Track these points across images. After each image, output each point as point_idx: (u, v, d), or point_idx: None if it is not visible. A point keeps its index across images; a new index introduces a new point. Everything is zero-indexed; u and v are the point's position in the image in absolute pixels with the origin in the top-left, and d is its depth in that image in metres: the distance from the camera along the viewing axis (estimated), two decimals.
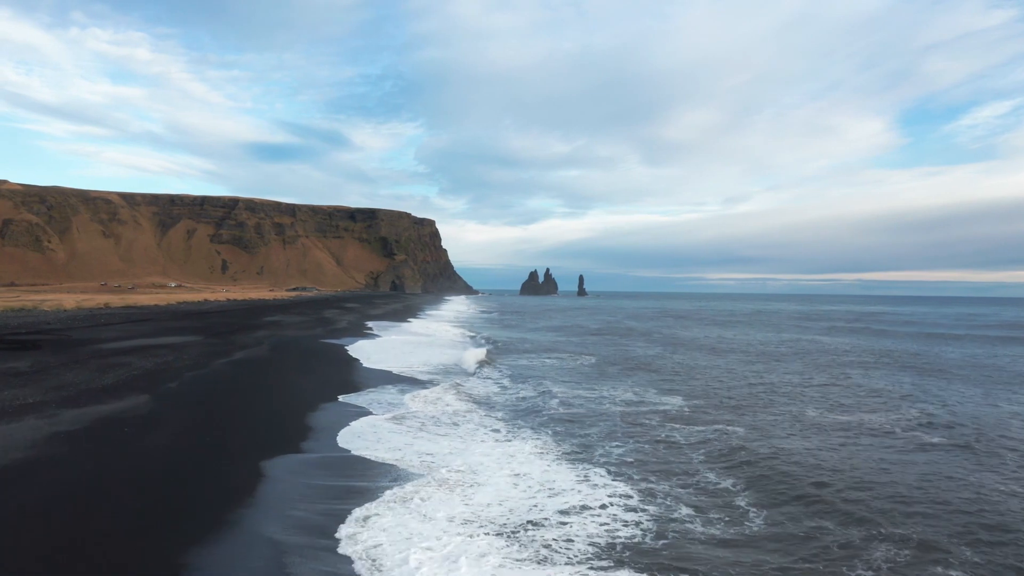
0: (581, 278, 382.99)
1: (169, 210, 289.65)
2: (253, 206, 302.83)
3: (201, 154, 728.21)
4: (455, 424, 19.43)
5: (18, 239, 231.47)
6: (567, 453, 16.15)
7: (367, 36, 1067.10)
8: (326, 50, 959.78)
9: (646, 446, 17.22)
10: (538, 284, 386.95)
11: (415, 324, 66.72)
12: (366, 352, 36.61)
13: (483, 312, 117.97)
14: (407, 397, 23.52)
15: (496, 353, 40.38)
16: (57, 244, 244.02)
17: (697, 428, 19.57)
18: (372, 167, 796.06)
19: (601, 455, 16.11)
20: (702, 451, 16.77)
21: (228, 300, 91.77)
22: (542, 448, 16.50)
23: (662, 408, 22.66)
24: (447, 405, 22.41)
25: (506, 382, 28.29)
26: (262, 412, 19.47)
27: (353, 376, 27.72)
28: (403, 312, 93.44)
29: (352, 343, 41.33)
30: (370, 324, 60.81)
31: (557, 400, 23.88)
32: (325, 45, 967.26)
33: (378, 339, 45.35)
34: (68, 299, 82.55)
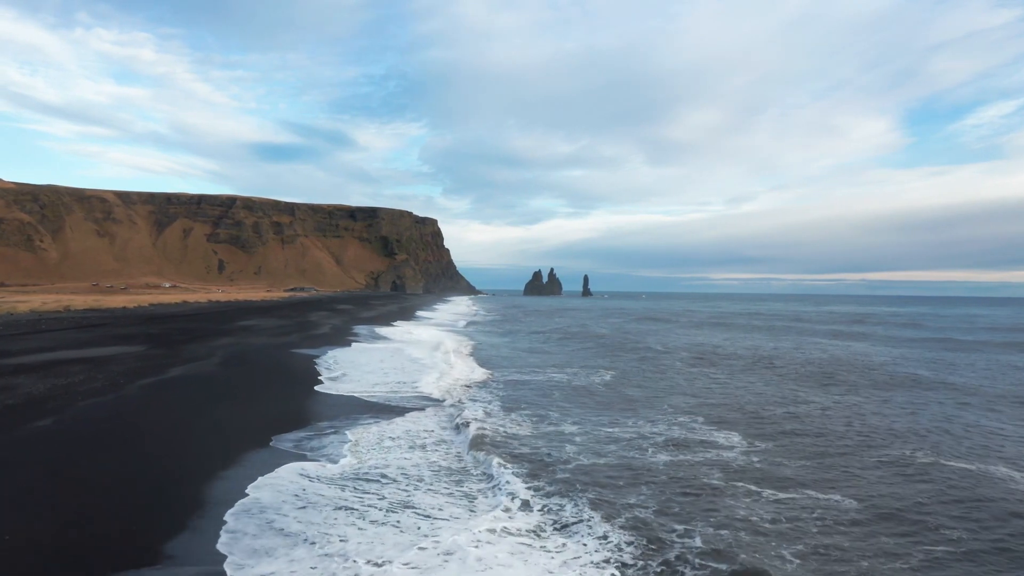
0: (586, 278, 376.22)
1: (165, 209, 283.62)
2: (251, 205, 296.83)
3: (205, 155, 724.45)
4: (435, 489, 13.21)
5: (9, 238, 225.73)
6: (632, 560, 9.90)
7: (371, 36, 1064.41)
8: (330, 50, 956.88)
9: (723, 532, 11.04)
10: (542, 284, 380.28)
11: (406, 329, 60.52)
12: (338, 367, 30.42)
13: (484, 314, 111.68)
14: (371, 436, 17.35)
15: (494, 366, 34.13)
16: (49, 244, 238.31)
17: (782, 497, 13.32)
18: (375, 167, 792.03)
19: (678, 555, 9.94)
20: (811, 542, 10.54)
21: (209, 301, 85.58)
22: (592, 555, 10.18)
23: (721, 456, 16.36)
24: (424, 451, 16.20)
25: (508, 411, 22.06)
26: (146, 471, 13.28)
27: (308, 403, 21.49)
28: (397, 314, 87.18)
29: (325, 353, 35.14)
30: (356, 329, 54.61)
31: (579, 443, 17.58)
32: (329, 45, 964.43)
33: (358, 349, 39.14)
34: (34, 300, 76.63)
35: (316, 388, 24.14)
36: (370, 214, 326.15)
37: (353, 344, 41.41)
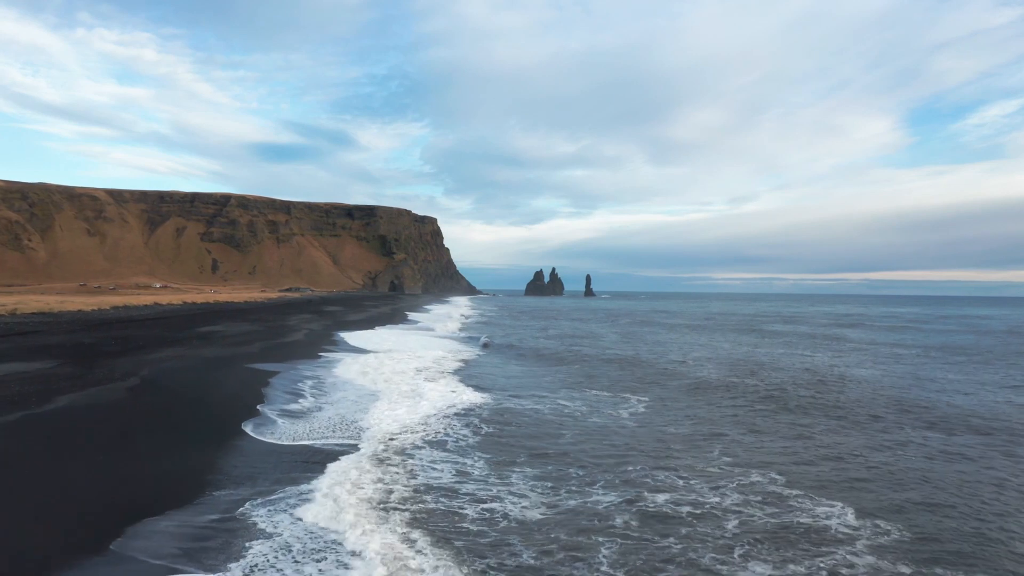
0: (588, 278, 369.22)
1: (158, 207, 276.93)
2: (246, 203, 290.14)
3: (207, 155, 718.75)
4: None
5: None
6: None
7: (373, 36, 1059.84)
8: (332, 50, 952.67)
9: None
10: (544, 284, 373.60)
11: (391, 336, 54.31)
12: (293, 390, 24.18)
13: (481, 317, 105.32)
14: (308, 527, 11.12)
15: (485, 388, 27.77)
16: (38, 243, 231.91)
17: None
18: (377, 167, 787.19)
19: None
20: None
21: (183, 303, 79.16)
22: None
23: (850, 564, 10.09)
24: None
25: (501, 467, 15.85)
26: None
27: (220, 454, 15.17)
28: (388, 317, 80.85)
29: (292, 369, 29.01)
30: (337, 336, 48.34)
31: (617, 533, 11.30)
32: (331, 45, 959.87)
33: (328, 362, 32.83)
34: None
35: (245, 427, 17.81)
36: (368, 213, 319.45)
37: (323, 356, 35.12)
